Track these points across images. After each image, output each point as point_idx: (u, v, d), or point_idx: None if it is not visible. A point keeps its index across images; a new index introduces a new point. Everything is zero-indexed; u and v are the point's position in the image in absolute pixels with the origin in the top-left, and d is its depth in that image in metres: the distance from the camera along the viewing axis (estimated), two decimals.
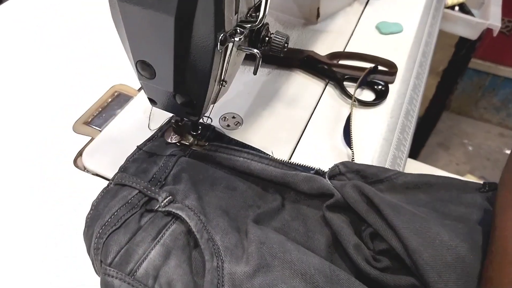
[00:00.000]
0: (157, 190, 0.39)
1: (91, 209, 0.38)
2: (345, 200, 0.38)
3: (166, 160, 0.42)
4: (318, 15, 0.65)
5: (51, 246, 0.40)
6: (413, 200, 0.39)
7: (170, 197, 0.38)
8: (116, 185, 0.39)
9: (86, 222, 0.37)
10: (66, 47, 0.62)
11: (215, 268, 0.33)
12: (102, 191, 0.39)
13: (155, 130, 0.46)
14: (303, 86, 0.57)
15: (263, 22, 0.36)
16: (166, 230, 0.36)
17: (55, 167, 0.46)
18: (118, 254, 0.34)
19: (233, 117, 0.52)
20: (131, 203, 0.37)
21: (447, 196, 0.39)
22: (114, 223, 0.36)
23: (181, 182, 0.40)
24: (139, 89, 0.55)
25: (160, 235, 0.36)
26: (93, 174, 0.45)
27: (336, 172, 0.42)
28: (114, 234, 0.35)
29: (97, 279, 0.35)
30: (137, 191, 0.38)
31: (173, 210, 0.37)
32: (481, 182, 0.40)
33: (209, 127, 0.47)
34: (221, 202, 0.39)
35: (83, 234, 0.37)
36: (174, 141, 0.45)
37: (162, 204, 0.38)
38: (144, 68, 0.36)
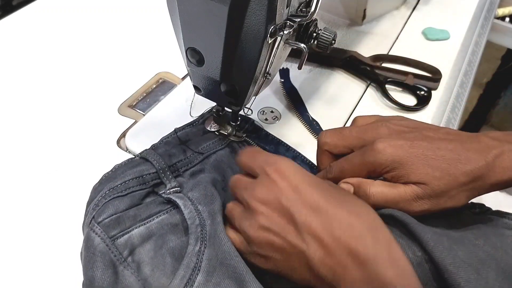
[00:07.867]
0: (170, 177, 0.40)
1: (111, 170, 0.40)
2: None
3: (194, 155, 0.43)
4: (364, 17, 0.65)
5: None
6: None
7: (178, 188, 0.39)
8: (141, 158, 0.41)
9: (101, 178, 0.39)
10: (119, 34, 0.64)
11: (196, 252, 0.34)
12: (128, 160, 0.41)
13: (197, 117, 0.47)
14: (343, 86, 0.57)
15: (313, 18, 0.36)
16: (157, 217, 0.37)
17: (99, 146, 0.48)
18: (109, 218, 0.36)
19: (272, 112, 0.53)
20: (144, 179, 0.39)
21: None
22: (121, 190, 0.37)
23: (195, 179, 0.41)
24: (183, 78, 0.57)
25: (149, 219, 0.37)
26: (134, 155, 0.47)
27: None
28: (116, 199, 0.37)
29: None
30: (154, 170, 0.40)
31: (173, 198, 0.38)
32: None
33: (248, 120, 0.48)
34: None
35: (93, 187, 0.39)
36: (213, 130, 0.46)
37: (167, 191, 0.39)
38: (194, 55, 0.37)
